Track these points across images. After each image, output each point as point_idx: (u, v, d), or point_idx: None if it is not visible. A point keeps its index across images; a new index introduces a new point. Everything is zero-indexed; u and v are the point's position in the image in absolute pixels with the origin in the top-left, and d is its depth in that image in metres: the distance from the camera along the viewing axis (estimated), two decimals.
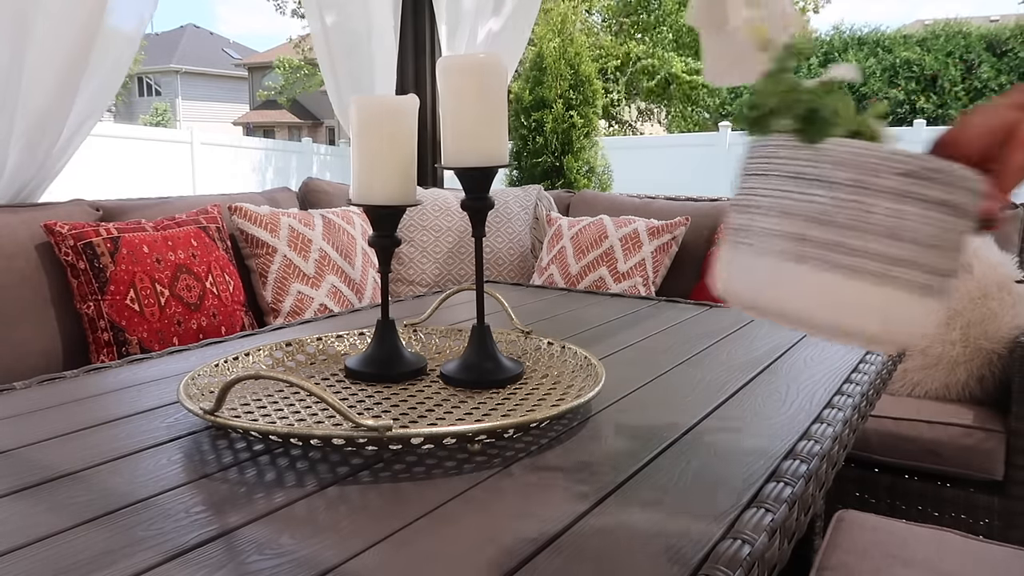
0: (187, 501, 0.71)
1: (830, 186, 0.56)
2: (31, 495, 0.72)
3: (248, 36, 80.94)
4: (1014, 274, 1.96)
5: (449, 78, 1.03)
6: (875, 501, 1.89)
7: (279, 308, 2.16)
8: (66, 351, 1.81)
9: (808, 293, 0.58)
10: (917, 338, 0.60)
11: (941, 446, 1.79)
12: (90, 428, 0.90)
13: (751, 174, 0.62)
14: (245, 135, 20.76)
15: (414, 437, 0.78)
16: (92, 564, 0.60)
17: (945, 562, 1.09)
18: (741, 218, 0.62)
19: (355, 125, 1.01)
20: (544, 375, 1.07)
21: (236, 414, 0.89)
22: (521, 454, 0.82)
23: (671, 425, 0.91)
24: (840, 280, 0.57)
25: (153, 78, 29.30)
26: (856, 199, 0.56)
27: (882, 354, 1.23)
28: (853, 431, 0.98)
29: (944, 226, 0.56)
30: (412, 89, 2.92)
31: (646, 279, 2.42)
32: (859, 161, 0.56)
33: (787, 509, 0.70)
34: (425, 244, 2.58)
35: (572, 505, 0.70)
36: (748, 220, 0.61)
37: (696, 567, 0.59)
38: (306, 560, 0.61)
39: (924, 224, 0.56)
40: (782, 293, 0.59)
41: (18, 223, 1.81)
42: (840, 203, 0.56)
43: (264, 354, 1.12)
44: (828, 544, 1.15)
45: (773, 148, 0.60)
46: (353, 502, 0.71)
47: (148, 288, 1.84)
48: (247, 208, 2.20)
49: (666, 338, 1.36)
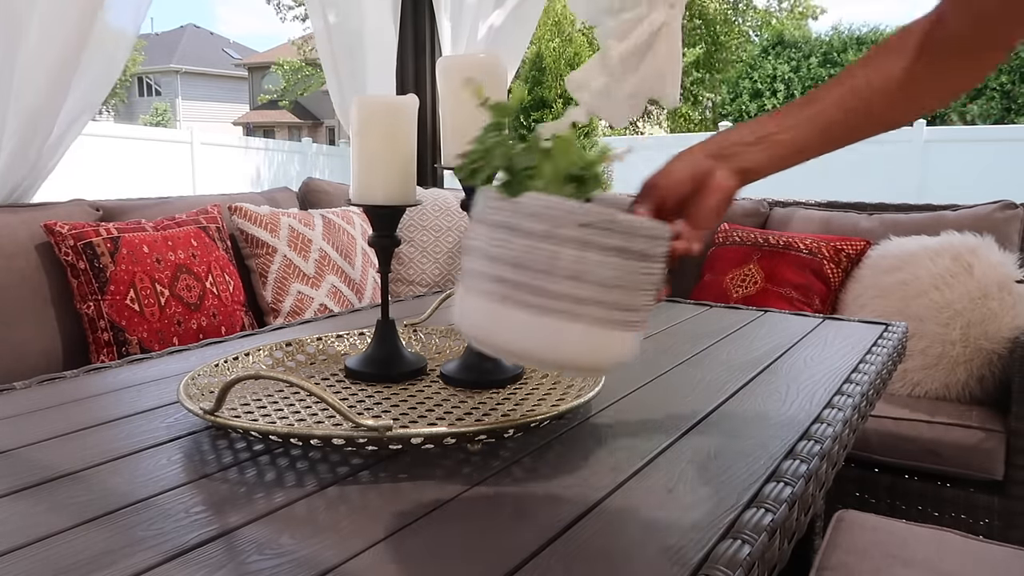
0: (187, 501, 0.71)
1: (524, 235, 0.63)
2: (31, 495, 0.72)
3: (248, 36, 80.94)
4: (1014, 274, 1.96)
5: (449, 78, 1.03)
6: (875, 501, 1.89)
7: (279, 308, 2.16)
8: (66, 351, 1.81)
9: (513, 330, 0.65)
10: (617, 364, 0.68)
11: (941, 446, 1.79)
12: (90, 428, 0.90)
13: (473, 220, 0.68)
14: (245, 135, 20.75)
15: (414, 437, 0.78)
16: (92, 564, 0.60)
17: (945, 562, 1.09)
18: (464, 260, 0.69)
19: (355, 125, 1.01)
20: (544, 375, 1.07)
21: (236, 414, 0.89)
22: (521, 454, 0.82)
23: (671, 425, 0.91)
24: (536, 318, 0.63)
25: (153, 78, 29.30)
26: (545, 247, 0.63)
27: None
28: (853, 431, 0.98)
29: (625, 269, 0.64)
30: (412, 89, 2.92)
31: None
32: (548, 214, 0.63)
33: (787, 509, 0.70)
34: (425, 244, 2.58)
35: (572, 505, 0.70)
36: (467, 263, 0.68)
37: (696, 567, 0.59)
38: (306, 560, 0.61)
39: (605, 268, 0.63)
40: (495, 329, 0.66)
41: (18, 223, 1.81)
42: (532, 250, 0.63)
43: (264, 354, 1.12)
44: (828, 544, 1.15)
45: (486, 198, 0.67)
46: (353, 502, 0.71)
47: (148, 288, 1.84)
48: (247, 208, 2.20)
49: (666, 338, 1.36)
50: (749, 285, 2.27)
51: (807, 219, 2.43)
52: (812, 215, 2.44)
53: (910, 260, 2.06)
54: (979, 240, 2.03)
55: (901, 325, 1.45)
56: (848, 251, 2.21)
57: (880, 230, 2.26)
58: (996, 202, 2.19)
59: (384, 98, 1.56)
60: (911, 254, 2.07)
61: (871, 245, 2.21)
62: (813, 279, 2.20)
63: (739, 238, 2.38)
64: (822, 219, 2.40)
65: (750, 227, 2.45)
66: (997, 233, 2.08)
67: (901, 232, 2.21)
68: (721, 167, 0.75)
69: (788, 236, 2.30)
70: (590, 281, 0.63)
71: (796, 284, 2.20)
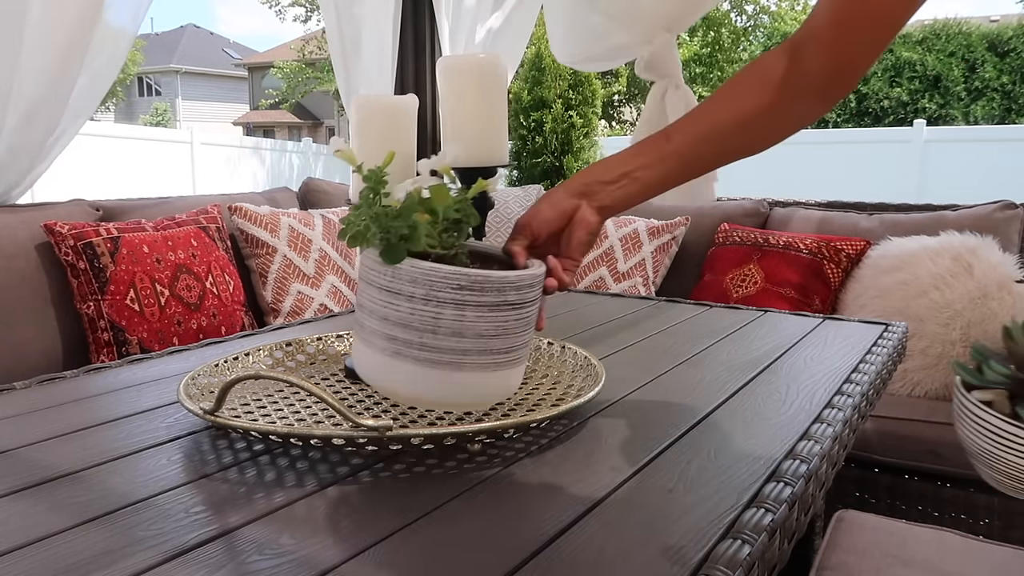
0: (187, 501, 0.71)
1: (407, 298, 0.71)
2: (31, 495, 0.72)
3: (248, 36, 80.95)
4: (1014, 274, 1.96)
5: (449, 78, 1.03)
6: (875, 501, 1.89)
7: (279, 308, 2.16)
8: (66, 351, 1.81)
9: (406, 380, 0.73)
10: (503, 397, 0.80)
11: (941, 446, 1.79)
12: (90, 428, 0.90)
13: (362, 279, 0.75)
14: (245, 135, 20.75)
15: (414, 437, 0.78)
16: (92, 564, 0.60)
17: (945, 562, 1.09)
18: (359, 314, 0.76)
19: (354, 124, 1.01)
20: (544, 375, 1.07)
21: (236, 414, 0.89)
22: (521, 454, 0.82)
23: (671, 425, 0.91)
24: (426, 369, 0.72)
25: (153, 78, 29.31)
26: (428, 309, 0.71)
27: (892, 357, 1.23)
28: (853, 431, 0.98)
29: (500, 320, 0.73)
30: (412, 89, 2.92)
31: (646, 279, 2.42)
32: (425, 279, 0.70)
33: (787, 509, 0.70)
34: None
35: (572, 505, 0.70)
36: (361, 318, 0.75)
37: (696, 567, 0.59)
38: (306, 560, 0.61)
39: (482, 323, 0.72)
40: (390, 379, 0.74)
41: (18, 223, 1.81)
42: (416, 312, 0.71)
43: (264, 354, 1.12)
44: (828, 544, 1.15)
45: (371, 262, 0.73)
46: (353, 502, 0.71)
47: (148, 288, 1.84)
48: (247, 208, 2.20)
49: (666, 338, 1.36)
50: (749, 285, 2.27)
51: (807, 219, 2.43)
52: (812, 215, 2.44)
53: (910, 260, 2.06)
54: (979, 240, 2.03)
55: (901, 325, 1.45)
56: (848, 251, 2.21)
57: (880, 230, 2.26)
58: (996, 202, 2.19)
59: (384, 98, 1.56)
60: (911, 254, 2.07)
61: (871, 245, 2.21)
62: (813, 279, 2.20)
63: (739, 238, 2.38)
64: (822, 219, 2.40)
65: (750, 227, 2.45)
66: (997, 233, 2.08)
67: (901, 232, 2.21)
68: (583, 204, 0.83)
69: (788, 236, 2.30)
70: (470, 336, 0.72)
71: (796, 284, 2.20)
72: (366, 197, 0.75)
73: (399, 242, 0.71)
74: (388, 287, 0.72)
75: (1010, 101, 10.30)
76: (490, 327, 0.72)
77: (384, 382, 0.75)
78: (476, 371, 0.73)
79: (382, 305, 0.72)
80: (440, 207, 0.74)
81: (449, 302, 0.70)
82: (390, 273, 0.71)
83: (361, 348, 0.76)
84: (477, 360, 0.73)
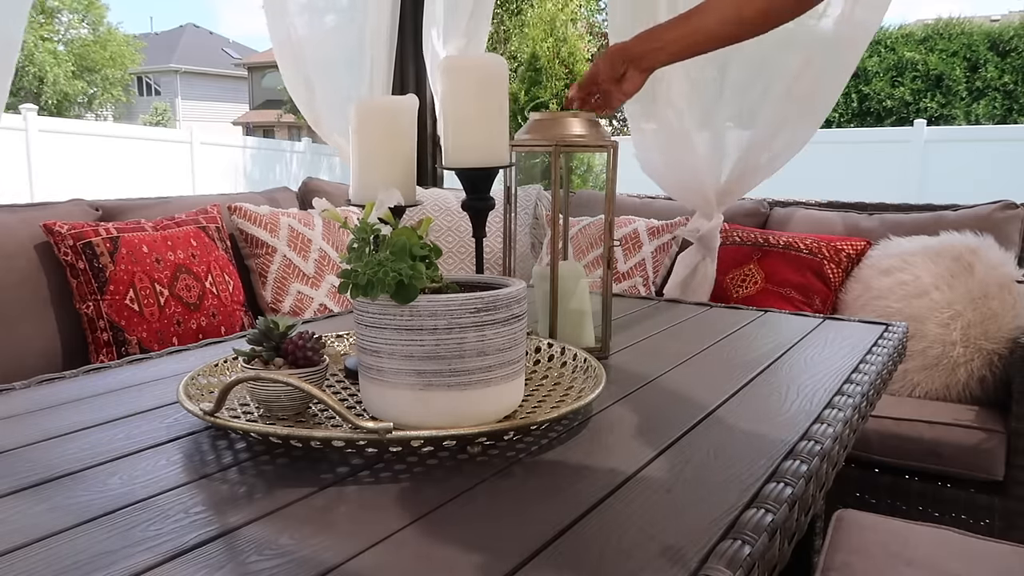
0: (187, 501, 0.71)
1: (432, 331, 0.77)
2: (31, 495, 0.72)
3: (248, 36, 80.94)
4: (1014, 274, 1.96)
5: (449, 78, 1.03)
6: (875, 501, 1.89)
7: (279, 308, 2.16)
8: (66, 351, 1.81)
9: (440, 408, 0.79)
10: (517, 405, 0.87)
11: (942, 446, 1.79)
12: (90, 428, 0.90)
13: (367, 326, 0.80)
14: (245, 135, 20.72)
15: (414, 439, 0.78)
16: (92, 564, 0.60)
17: (948, 561, 1.08)
18: (371, 359, 0.81)
19: (355, 125, 1.01)
20: (544, 376, 1.06)
21: (236, 415, 0.89)
22: (521, 455, 0.82)
23: (671, 425, 0.90)
24: (458, 393, 0.79)
25: (153, 78, 29.29)
26: (451, 336, 0.77)
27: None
28: (853, 431, 0.98)
29: (511, 332, 0.82)
30: (412, 89, 2.91)
31: (646, 279, 2.42)
32: (447, 310, 0.77)
33: (787, 509, 0.69)
34: None
35: (572, 506, 0.70)
36: (378, 362, 0.80)
37: (696, 567, 0.59)
38: (306, 560, 0.61)
39: (499, 337, 0.80)
40: (423, 412, 0.79)
41: (18, 223, 1.81)
42: (441, 342, 0.77)
43: None
44: (830, 545, 1.15)
45: (378, 308, 0.78)
46: (353, 502, 0.71)
47: (148, 288, 1.84)
48: (247, 208, 2.20)
49: (666, 338, 1.36)
50: (749, 285, 2.27)
51: (807, 219, 2.42)
52: (812, 215, 2.43)
53: (910, 260, 2.06)
54: (980, 240, 2.03)
55: (901, 325, 1.45)
56: (848, 251, 2.21)
57: (880, 230, 2.26)
58: (996, 202, 2.19)
59: (384, 98, 1.56)
60: (911, 254, 2.07)
61: (871, 245, 2.21)
62: (813, 279, 2.20)
63: (739, 238, 2.38)
64: (822, 219, 2.40)
65: (750, 227, 2.44)
66: (997, 233, 2.08)
67: (901, 232, 2.20)
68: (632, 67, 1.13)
69: (788, 236, 2.30)
70: (492, 352, 0.80)
71: (796, 284, 2.20)
72: (360, 249, 0.81)
73: (409, 286, 0.76)
74: (408, 326, 0.77)
75: (1012, 101, 10.29)
76: (506, 340, 0.81)
77: (416, 417, 0.79)
78: (500, 383, 0.81)
79: (404, 344, 0.78)
80: (415, 247, 0.80)
81: (470, 326, 0.78)
82: (407, 312, 0.77)
83: (381, 392, 0.80)
84: (499, 373, 0.81)
